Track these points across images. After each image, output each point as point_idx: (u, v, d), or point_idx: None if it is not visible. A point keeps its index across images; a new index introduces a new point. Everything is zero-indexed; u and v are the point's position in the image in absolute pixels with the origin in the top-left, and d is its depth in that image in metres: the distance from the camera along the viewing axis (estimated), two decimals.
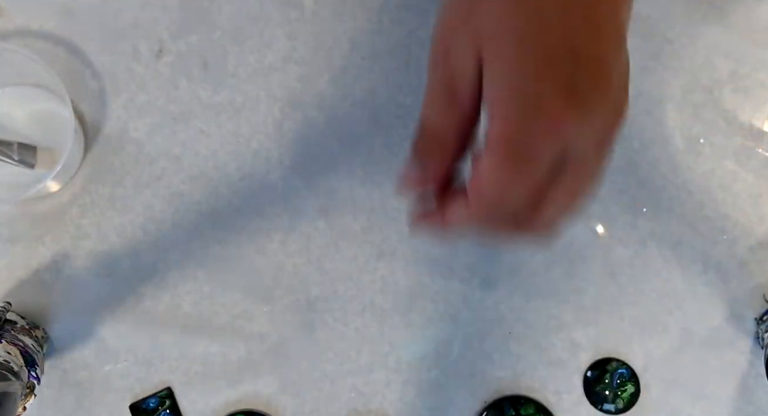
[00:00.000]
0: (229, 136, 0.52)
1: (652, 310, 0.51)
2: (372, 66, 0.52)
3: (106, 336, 0.51)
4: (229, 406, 0.51)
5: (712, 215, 0.52)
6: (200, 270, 0.51)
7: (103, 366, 0.51)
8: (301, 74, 0.52)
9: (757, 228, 0.51)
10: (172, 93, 0.52)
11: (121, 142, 0.51)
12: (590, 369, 0.51)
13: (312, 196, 0.52)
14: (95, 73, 0.52)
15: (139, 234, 0.51)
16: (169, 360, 0.51)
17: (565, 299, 0.52)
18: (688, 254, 0.52)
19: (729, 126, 0.52)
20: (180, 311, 0.51)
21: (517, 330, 0.51)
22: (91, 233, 0.51)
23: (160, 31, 0.52)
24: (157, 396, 0.51)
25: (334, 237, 0.52)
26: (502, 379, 0.51)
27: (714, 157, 0.52)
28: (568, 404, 0.51)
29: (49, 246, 0.51)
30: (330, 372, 0.51)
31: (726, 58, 0.52)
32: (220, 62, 0.52)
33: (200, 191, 0.51)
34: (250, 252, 0.51)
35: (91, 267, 0.51)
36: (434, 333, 0.52)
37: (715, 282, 0.52)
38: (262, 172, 0.52)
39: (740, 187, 0.52)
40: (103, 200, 0.51)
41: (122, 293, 0.51)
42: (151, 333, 0.51)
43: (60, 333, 0.51)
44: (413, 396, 0.51)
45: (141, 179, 0.51)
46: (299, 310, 0.51)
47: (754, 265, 0.51)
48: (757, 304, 0.51)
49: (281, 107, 0.52)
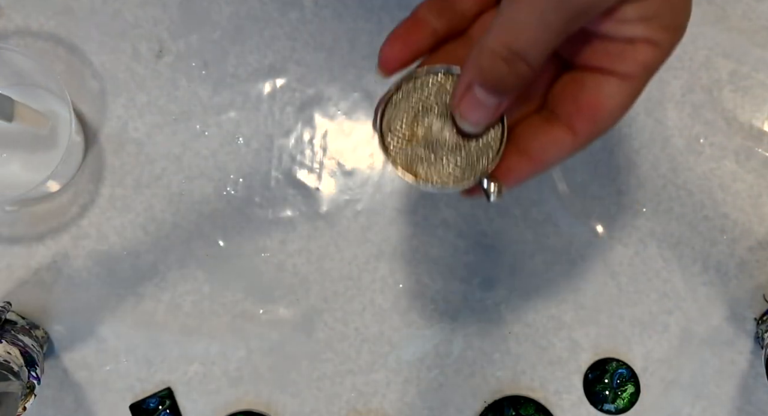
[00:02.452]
0: (229, 136, 0.52)
1: (652, 310, 0.51)
2: (372, 66, 0.52)
3: (106, 336, 0.51)
4: (229, 406, 0.51)
5: (712, 215, 0.52)
6: (200, 270, 0.51)
7: (103, 366, 0.51)
8: (301, 74, 0.52)
9: (757, 228, 0.51)
10: (172, 93, 0.52)
11: (121, 142, 0.51)
12: (590, 369, 0.51)
13: (312, 196, 0.52)
14: (95, 73, 0.52)
15: (139, 234, 0.51)
16: (169, 360, 0.51)
17: (565, 299, 0.52)
18: (688, 254, 0.52)
19: (729, 126, 0.52)
20: (180, 311, 0.51)
21: (517, 330, 0.52)
22: (91, 233, 0.51)
23: (160, 31, 0.52)
24: (157, 396, 0.51)
25: (334, 237, 0.52)
26: (502, 379, 0.51)
27: (714, 157, 0.52)
28: (568, 404, 0.51)
29: (49, 246, 0.51)
30: (330, 372, 0.51)
31: (726, 58, 0.52)
32: (220, 62, 0.52)
33: (200, 191, 0.51)
34: (250, 252, 0.51)
35: (91, 267, 0.51)
36: (434, 333, 0.52)
37: (715, 282, 0.52)
38: (262, 172, 0.52)
39: (740, 187, 0.52)
40: (103, 200, 0.51)
41: (122, 293, 0.51)
42: (151, 333, 0.51)
43: (60, 333, 0.51)
44: (413, 396, 0.51)
45: (141, 179, 0.51)
46: (299, 310, 0.51)
47: (754, 265, 0.51)
48: (757, 304, 0.51)
49: (281, 107, 0.52)
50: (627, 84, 0.28)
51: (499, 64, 0.27)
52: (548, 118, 0.30)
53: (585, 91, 0.29)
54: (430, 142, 0.31)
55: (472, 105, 0.29)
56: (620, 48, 0.28)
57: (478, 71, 0.28)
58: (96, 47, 0.52)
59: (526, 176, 0.31)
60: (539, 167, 0.31)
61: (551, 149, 0.30)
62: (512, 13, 0.26)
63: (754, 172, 0.52)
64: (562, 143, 0.30)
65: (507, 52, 0.27)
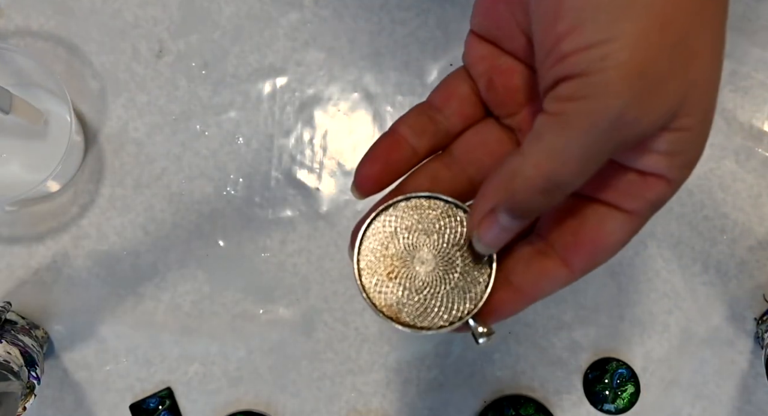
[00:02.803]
0: (229, 136, 0.52)
1: (652, 310, 0.51)
2: (372, 66, 0.52)
3: (106, 336, 0.51)
4: (229, 406, 0.51)
5: (712, 215, 0.52)
6: (200, 270, 0.51)
7: (103, 366, 0.51)
8: (301, 74, 0.52)
9: (757, 228, 0.51)
10: (172, 93, 0.52)
11: (121, 142, 0.51)
12: (590, 369, 0.51)
13: (312, 196, 0.52)
14: (95, 73, 0.52)
15: (139, 234, 0.51)
16: (169, 360, 0.51)
17: (565, 299, 0.52)
18: (688, 254, 0.52)
19: (729, 126, 0.52)
20: (180, 311, 0.51)
21: (517, 330, 0.52)
22: (91, 233, 0.51)
23: (160, 31, 0.52)
24: (157, 396, 0.51)
25: (334, 237, 0.52)
26: (502, 379, 0.51)
27: (714, 157, 0.52)
28: (568, 404, 0.51)
29: (49, 246, 0.51)
30: (330, 372, 0.51)
31: (726, 58, 0.52)
32: (220, 62, 0.52)
33: (200, 191, 0.51)
34: (250, 252, 0.51)
35: (91, 267, 0.51)
36: (434, 333, 0.51)
37: (715, 282, 0.52)
38: (262, 172, 0.52)
39: (740, 186, 0.52)
40: (103, 200, 0.51)
41: (122, 293, 0.51)
42: (151, 333, 0.51)
43: (60, 333, 0.51)
44: (413, 396, 0.51)
45: (141, 179, 0.51)
46: (299, 310, 0.51)
47: (754, 265, 0.51)
48: (757, 304, 0.51)
49: (281, 107, 0.52)
50: (631, 220, 0.26)
51: (536, 195, 0.24)
52: (542, 248, 0.28)
53: (586, 224, 0.27)
54: (411, 276, 0.29)
55: (493, 228, 0.26)
56: (630, 181, 0.25)
57: (509, 197, 0.25)
58: (96, 47, 0.52)
59: (514, 311, 0.29)
60: (529, 301, 0.28)
61: (544, 283, 0.28)
62: (555, 140, 0.23)
63: (754, 172, 0.52)
64: (556, 277, 0.27)
65: (548, 184, 0.24)
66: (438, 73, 0.52)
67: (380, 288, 0.29)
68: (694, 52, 0.23)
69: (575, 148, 0.23)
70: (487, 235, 0.27)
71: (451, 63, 0.52)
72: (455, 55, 0.52)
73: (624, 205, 0.26)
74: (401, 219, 0.29)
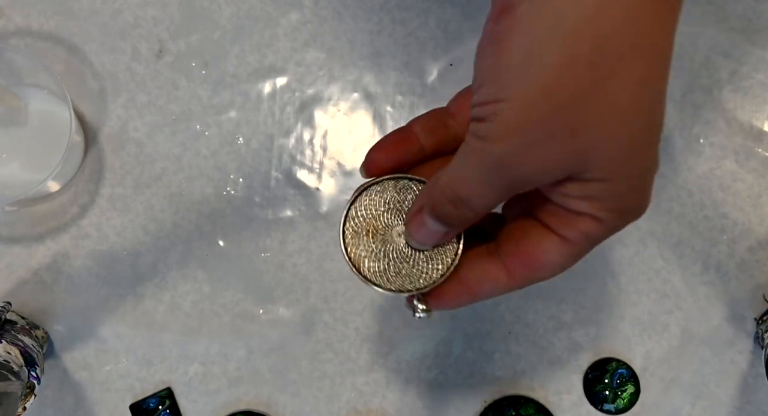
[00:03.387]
0: (229, 136, 0.52)
1: (652, 310, 0.51)
2: (372, 66, 0.52)
3: (106, 336, 0.51)
4: (229, 406, 0.51)
5: (712, 215, 0.52)
6: (200, 270, 0.51)
7: (103, 366, 0.51)
8: (301, 74, 0.52)
9: (757, 228, 0.51)
10: (172, 93, 0.52)
11: (121, 142, 0.51)
12: (590, 369, 0.51)
13: (312, 196, 0.52)
14: (95, 73, 0.52)
15: (139, 234, 0.51)
16: (169, 360, 0.51)
17: (565, 299, 0.52)
18: (688, 254, 0.52)
19: (729, 126, 0.52)
20: (180, 311, 0.51)
21: (517, 330, 0.52)
22: (91, 233, 0.51)
23: (160, 31, 0.52)
24: (157, 396, 0.51)
25: (334, 237, 0.52)
26: (502, 379, 0.51)
27: (714, 157, 0.52)
28: (568, 404, 0.51)
29: (49, 246, 0.51)
30: (330, 372, 0.51)
31: (726, 58, 0.52)
32: (220, 62, 0.52)
33: (200, 191, 0.51)
34: (250, 252, 0.51)
35: (91, 267, 0.51)
36: (434, 333, 0.52)
37: (715, 282, 0.52)
38: (262, 172, 0.52)
39: (740, 186, 0.52)
40: (103, 200, 0.51)
41: (122, 293, 0.51)
42: (151, 333, 0.51)
43: (60, 333, 0.51)
44: (413, 396, 0.51)
45: (141, 179, 0.51)
46: (299, 310, 0.51)
47: (754, 265, 0.51)
48: (757, 304, 0.51)
49: (281, 107, 0.52)
50: (567, 246, 0.28)
51: (446, 204, 0.29)
52: (491, 252, 0.31)
53: (527, 239, 0.29)
54: (386, 241, 0.33)
55: (419, 226, 0.31)
56: (565, 214, 0.28)
57: (429, 201, 0.30)
58: (96, 47, 0.52)
59: (459, 303, 0.32)
60: (473, 297, 0.31)
61: (486, 284, 0.31)
62: (461, 164, 0.28)
63: (754, 172, 0.52)
64: (496, 280, 0.30)
65: (453, 196, 0.28)
66: (438, 73, 0.52)
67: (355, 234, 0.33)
68: (588, 119, 0.25)
69: (472, 173, 0.27)
70: (416, 234, 0.31)
71: (451, 63, 0.52)
72: (455, 55, 0.52)
73: (560, 231, 0.28)
74: (399, 191, 0.33)
